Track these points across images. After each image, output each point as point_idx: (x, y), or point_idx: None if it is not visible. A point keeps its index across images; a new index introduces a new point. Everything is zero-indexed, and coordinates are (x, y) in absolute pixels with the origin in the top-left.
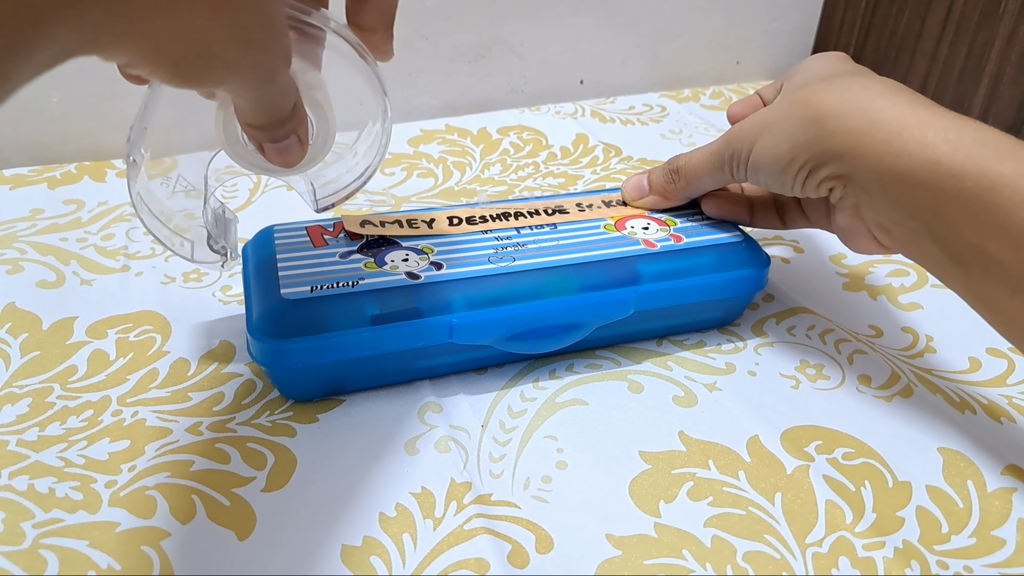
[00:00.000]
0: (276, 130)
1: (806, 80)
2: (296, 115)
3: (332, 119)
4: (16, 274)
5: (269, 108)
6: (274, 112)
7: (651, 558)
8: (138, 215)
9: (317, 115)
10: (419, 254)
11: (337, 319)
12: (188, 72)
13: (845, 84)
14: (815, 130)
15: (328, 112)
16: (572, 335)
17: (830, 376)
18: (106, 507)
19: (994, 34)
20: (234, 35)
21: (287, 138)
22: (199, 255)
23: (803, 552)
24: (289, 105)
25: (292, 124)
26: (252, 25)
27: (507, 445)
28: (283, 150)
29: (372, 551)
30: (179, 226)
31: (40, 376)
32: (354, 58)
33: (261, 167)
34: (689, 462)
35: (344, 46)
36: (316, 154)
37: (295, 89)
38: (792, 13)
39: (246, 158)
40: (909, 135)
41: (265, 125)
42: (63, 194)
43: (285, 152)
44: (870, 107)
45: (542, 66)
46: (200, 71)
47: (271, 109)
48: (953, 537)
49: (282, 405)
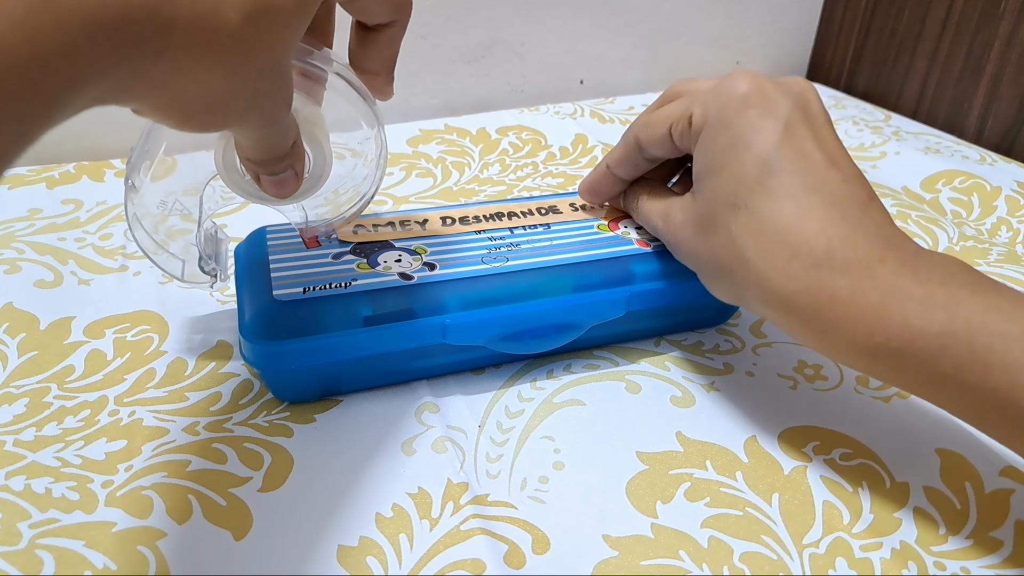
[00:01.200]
0: (274, 165)
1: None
2: (295, 151)
3: (329, 153)
4: (14, 274)
5: (270, 147)
6: (274, 150)
7: (648, 558)
8: (131, 233)
9: (315, 149)
10: (412, 255)
11: (330, 320)
12: (197, 123)
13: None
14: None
15: (325, 146)
16: (566, 335)
17: (828, 377)
18: (103, 507)
19: (994, 34)
20: (245, 89)
21: (284, 172)
22: (189, 275)
23: (800, 553)
24: (289, 143)
25: (290, 159)
26: (262, 79)
27: (504, 445)
28: (279, 183)
29: (368, 551)
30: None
31: (37, 376)
32: (354, 98)
33: (256, 196)
34: (686, 462)
35: (345, 87)
36: (311, 187)
37: (295, 127)
38: (792, 13)
39: (242, 187)
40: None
41: (264, 161)
42: (61, 194)
43: (281, 185)
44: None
45: (542, 66)
46: (209, 121)
47: (271, 148)
48: (951, 538)
49: (279, 405)
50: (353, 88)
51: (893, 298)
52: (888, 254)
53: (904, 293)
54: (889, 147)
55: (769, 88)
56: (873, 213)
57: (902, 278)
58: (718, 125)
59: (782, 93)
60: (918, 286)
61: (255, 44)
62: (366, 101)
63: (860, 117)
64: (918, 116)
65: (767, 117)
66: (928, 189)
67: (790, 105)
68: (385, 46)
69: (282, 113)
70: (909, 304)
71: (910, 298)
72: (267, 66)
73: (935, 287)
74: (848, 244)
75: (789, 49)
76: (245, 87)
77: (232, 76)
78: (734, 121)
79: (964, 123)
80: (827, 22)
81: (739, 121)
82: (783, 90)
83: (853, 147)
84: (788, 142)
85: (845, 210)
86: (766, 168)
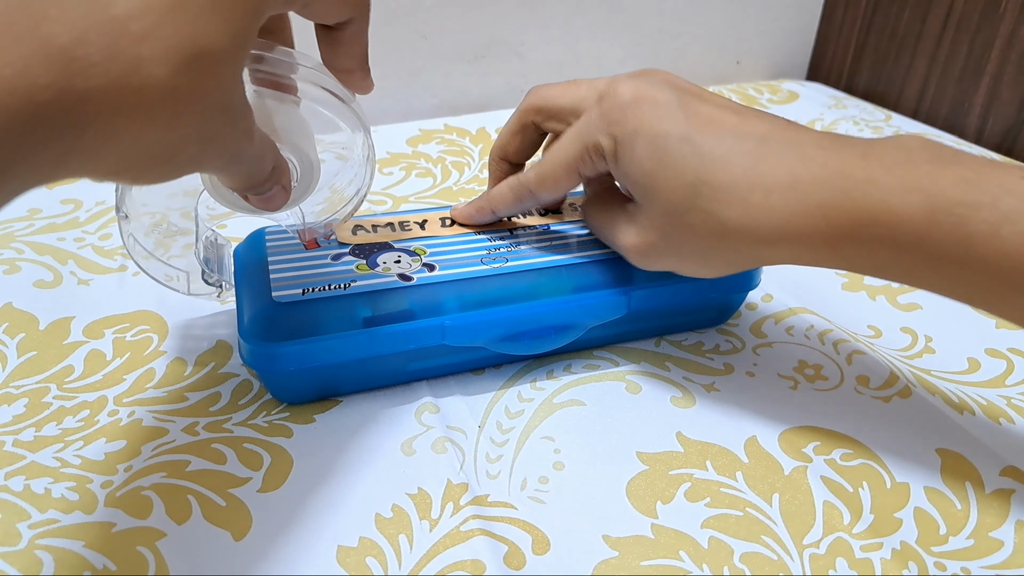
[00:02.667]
0: (258, 189)
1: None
2: (275, 172)
3: (315, 158)
4: (13, 274)
5: (246, 177)
6: (252, 178)
7: (648, 559)
8: (131, 256)
9: (299, 157)
10: (411, 256)
11: (329, 322)
12: (152, 178)
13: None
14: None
15: (310, 151)
16: (565, 336)
17: (828, 377)
18: (102, 507)
19: (994, 34)
20: (194, 135)
21: (270, 190)
22: (195, 288)
23: (800, 553)
24: (267, 168)
25: (274, 179)
26: (210, 122)
27: (504, 446)
28: (267, 200)
29: (368, 552)
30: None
31: (37, 376)
32: (330, 103)
33: (247, 210)
34: (687, 463)
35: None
36: (300, 195)
37: (271, 147)
38: (792, 13)
39: (232, 201)
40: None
41: (246, 188)
42: (61, 194)
43: (269, 201)
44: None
45: (542, 66)
46: (164, 173)
47: (248, 177)
48: (951, 538)
49: (278, 406)
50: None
51: (872, 189)
52: (845, 151)
53: (879, 182)
54: None
55: (644, 87)
56: (804, 129)
57: (870, 167)
58: (629, 139)
59: (655, 84)
60: (888, 173)
61: (191, 92)
62: (343, 101)
63: (860, 117)
64: (918, 116)
65: (661, 107)
66: None
67: (668, 88)
68: (351, 43)
69: (243, 147)
70: (888, 192)
71: (886, 186)
72: (212, 109)
73: (904, 170)
74: (805, 159)
75: (789, 49)
76: (191, 135)
77: (173, 129)
78: (640, 126)
79: (965, 123)
80: (827, 22)
81: (644, 124)
82: (656, 83)
83: None
84: (692, 116)
85: (780, 136)
86: (693, 144)
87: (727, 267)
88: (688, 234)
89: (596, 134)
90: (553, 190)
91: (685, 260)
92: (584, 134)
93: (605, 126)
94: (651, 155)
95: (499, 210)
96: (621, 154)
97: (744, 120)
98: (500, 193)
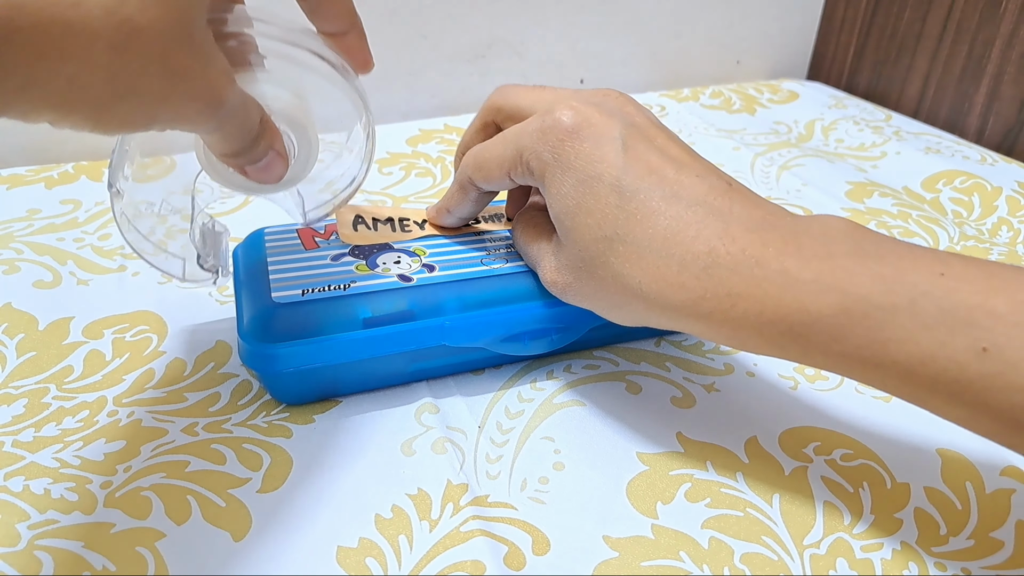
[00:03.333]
0: (250, 152)
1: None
2: (267, 130)
3: (312, 131)
4: (13, 274)
5: (234, 134)
6: (240, 136)
7: (648, 559)
8: (123, 237)
9: (294, 130)
10: (411, 256)
11: (329, 323)
12: (115, 117)
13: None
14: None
15: (306, 124)
16: (566, 336)
17: (828, 377)
18: (101, 508)
19: (995, 34)
20: (152, 67)
21: (265, 156)
22: (190, 273)
23: (801, 554)
24: (255, 123)
25: (265, 141)
26: (171, 53)
27: (504, 446)
28: (265, 168)
29: (368, 553)
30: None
31: (36, 376)
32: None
33: (246, 187)
34: (687, 463)
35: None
36: (300, 169)
37: (256, 104)
38: (792, 13)
39: (229, 179)
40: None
41: (237, 151)
42: (60, 194)
43: (267, 170)
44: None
45: (542, 65)
46: (127, 113)
47: (236, 135)
48: (951, 539)
49: (278, 406)
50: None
51: (787, 283)
52: (769, 235)
53: (795, 276)
54: (890, 147)
55: (593, 115)
56: (739, 199)
57: (788, 259)
58: (559, 168)
59: (607, 116)
60: (805, 266)
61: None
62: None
63: (861, 117)
64: (919, 116)
65: (603, 144)
66: (929, 189)
67: (620, 125)
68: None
69: (222, 92)
70: (802, 288)
71: (801, 281)
72: (171, 39)
73: (822, 264)
74: (727, 238)
75: (789, 49)
76: (153, 66)
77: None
78: (573, 161)
79: (965, 123)
80: (828, 21)
81: (578, 158)
82: (607, 112)
83: (854, 147)
84: (632, 161)
85: (711, 205)
86: (622, 194)
87: (640, 322)
88: (599, 286)
89: (530, 148)
90: (487, 183)
91: (600, 308)
92: (519, 143)
93: (540, 145)
94: (577, 194)
95: (452, 207)
96: (549, 182)
97: (682, 176)
98: (450, 190)
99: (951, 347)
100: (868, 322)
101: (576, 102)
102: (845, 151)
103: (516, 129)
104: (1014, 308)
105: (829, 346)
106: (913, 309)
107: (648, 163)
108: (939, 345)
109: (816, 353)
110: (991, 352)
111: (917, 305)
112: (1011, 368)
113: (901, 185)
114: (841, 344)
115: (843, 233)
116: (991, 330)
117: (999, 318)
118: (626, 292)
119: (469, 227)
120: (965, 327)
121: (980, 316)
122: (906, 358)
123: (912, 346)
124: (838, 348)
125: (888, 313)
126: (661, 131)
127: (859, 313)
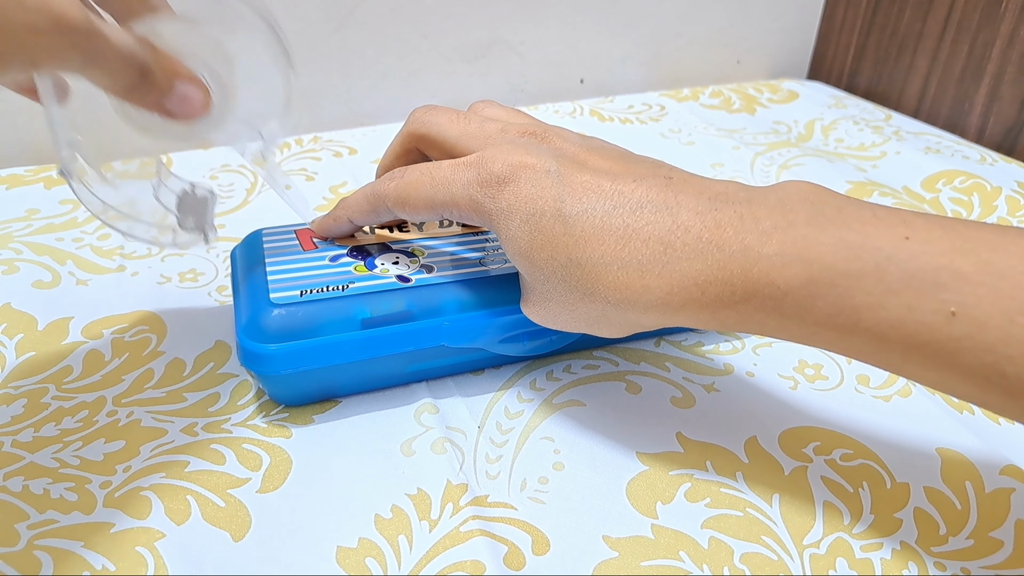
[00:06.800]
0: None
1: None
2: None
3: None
4: (12, 274)
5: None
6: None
7: (648, 559)
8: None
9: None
10: (410, 257)
11: (327, 324)
12: None
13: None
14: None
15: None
16: (565, 336)
17: (828, 376)
18: (101, 508)
19: (995, 33)
20: None
21: (171, 86)
22: (181, 239)
23: (801, 553)
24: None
25: (161, 67)
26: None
27: (504, 446)
28: (183, 99)
29: (367, 553)
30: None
31: (35, 377)
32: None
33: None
34: (687, 463)
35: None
36: (225, 102)
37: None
38: (793, 12)
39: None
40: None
41: (131, 84)
42: (59, 194)
43: (186, 100)
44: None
45: (542, 65)
46: None
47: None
48: (951, 539)
49: (277, 406)
50: None
51: (750, 260)
52: (723, 215)
53: (757, 252)
54: (890, 147)
55: (524, 159)
56: (683, 188)
57: (747, 235)
58: (504, 215)
59: (536, 156)
60: (766, 240)
61: None
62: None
63: (861, 116)
64: (919, 115)
65: (537, 182)
66: (928, 189)
67: (550, 160)
68: None
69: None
70: (767, 262)
71: (764, 256)
72: None
73: (783, 235)
74: (679, 230)
75: (790, 48)
76: None
77: None
78: (515, 204)
79: (965, 123)
80: (828, 21)
81: (518, 201)
82: (535, 153)
83: (854, 146)
84: (568, 188)
85: (654, 203)
86: (566, 221)
87: (627, 331)
88: (569, 308)
89: (467, 197)
90: (410, 216)
91: (584, 329)
92: (452, 192)
93: (479, 195)
94: (525, 233)
95: (356, 219)
96: (497, 228)
97: (619, 186)
98: (355, 201)
99: (919, 311)
100: (836, 291)
101: (505, 146)
102: (845, 151)
103: (446, 175)
104: (979, 268)
105: (803, 317)
106: (879, 275)
107: (583, 184)
108: (907, 310)
109: (793, 325)
110: (959, 315)
111: (883, 270)
112: (979, 328)
113: (901, 185)
114: (814, 314)
115: (801, 198)
116: (958, 292)
117: (965, 279)
118: (597, 311)
119: (469, 227)
120: (932, 290)
121: (946, 278)
122: (876, 324)
123: (882, 312)
124: (811, 318)
125: (855, 280)
126: (592, 150)
127: (826, 282)
